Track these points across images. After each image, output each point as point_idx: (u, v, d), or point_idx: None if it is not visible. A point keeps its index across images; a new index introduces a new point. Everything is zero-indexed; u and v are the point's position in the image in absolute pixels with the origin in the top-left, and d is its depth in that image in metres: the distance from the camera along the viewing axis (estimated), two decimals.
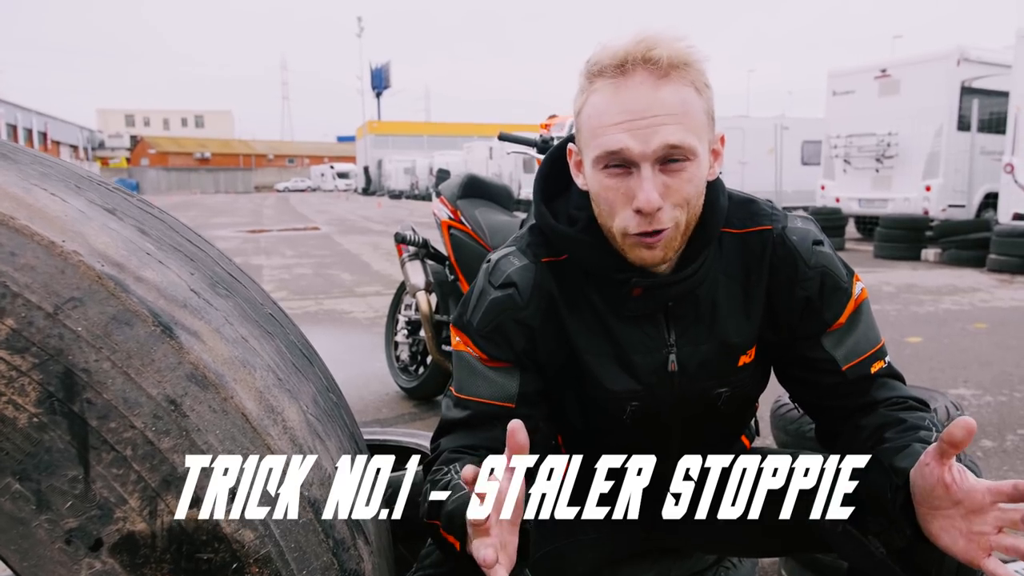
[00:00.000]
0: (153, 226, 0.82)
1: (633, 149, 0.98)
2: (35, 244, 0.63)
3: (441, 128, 68.02)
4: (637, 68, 0.99)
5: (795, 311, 1.15)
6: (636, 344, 1.14)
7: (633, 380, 1.15)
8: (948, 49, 10.74)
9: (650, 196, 0.99)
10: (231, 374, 0.69)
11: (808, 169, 15.38)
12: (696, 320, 1.14)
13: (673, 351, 1.14)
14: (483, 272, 1.17)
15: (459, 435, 1.12)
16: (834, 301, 1.14)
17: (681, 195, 1.02)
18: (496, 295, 1.12)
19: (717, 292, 1.14)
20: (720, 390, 1.18)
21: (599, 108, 1.01)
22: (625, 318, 1.13)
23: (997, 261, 8.77)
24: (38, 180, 0.71)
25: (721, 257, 1.15)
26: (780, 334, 1.18)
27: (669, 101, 0.98)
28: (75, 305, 0.63)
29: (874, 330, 1.17)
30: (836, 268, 1.15)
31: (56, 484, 0.63)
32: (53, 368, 0.62)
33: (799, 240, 1.14)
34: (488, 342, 1.12)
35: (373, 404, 3.75)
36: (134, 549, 0.64)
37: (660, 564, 1.44)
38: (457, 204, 3.22)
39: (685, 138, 0.99)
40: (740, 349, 1.17)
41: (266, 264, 10.20)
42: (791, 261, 1.14)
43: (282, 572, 0.68)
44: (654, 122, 0.98)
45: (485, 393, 1.12)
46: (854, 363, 1.14)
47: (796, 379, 1.21)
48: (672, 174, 1.00)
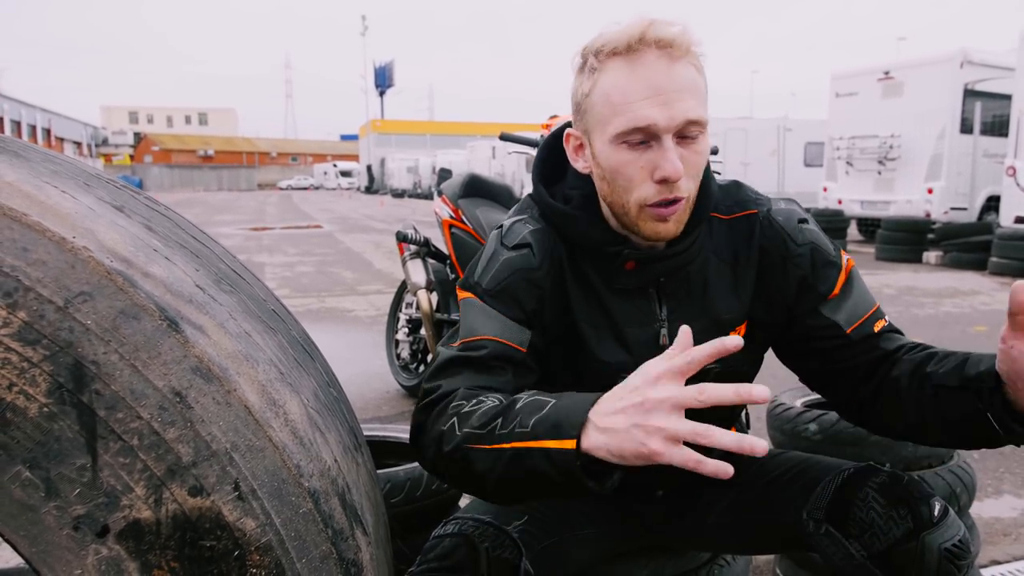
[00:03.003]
0: (160, 223, 0.84)
1: (660, 122, 1.02)
2: (46, 240, 0.65)
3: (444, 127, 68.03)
4: (650, 47, 1.02)
5: (790, 290, 1.18)
6: (628, 317, 1.17)
7: (625, 352, 1.17)
8: (951, 52, 10.74)
9: (676, 164, 1.02)
10: (235, 367, 0.71)
11: (811, 171, 15.39)
12: (687, 296, 1.17)
13: (665, 325, 1.17)
14: (494, 237, 1.18)
15: (468, 375, 1.06)
16: (826, 275, 1.17)
17: (695, 166, 1.06)
18: (510, 255, 1.13)
19: (708, 271, 1.18)
20: (711, 366, 1.19)
21: (618, 86, 1.04)
22: (618, 291, 1.16)
23: (999, 264, 8.78)
24: (49, 178, 0.74)
25: (711, 239, 1.18)
26: (776, 315, 1.20)
27: (684, 76, 1.03)
28: (85, 299, 0.65)
29: (868, 294, 1.20)
30: (824, 243, 1.19)
31: (65, 472, 0.65)
32: (63, 360, 0.64)
33: (784, 220, 1.18)
34: (497, 300, 1.10)
35: (374, 401, 3.78)
36: (139, 536, 0.67)
37: (655, 561, 1.46)
38: (458, 203, 3.24)
39: (701, 112, 1.04)
40: (730, 325, 1.19)
41: (268, 262, 10.23)
42: (780, 241, 1.17)
43: (282, 560, 0.70)
44: (676, 96, 1.02)
45: (497, 332, 1.09)
46: (856, 324, 1.16)
47: (803, 353, 1.22)
48: (688, 145, 1.05)
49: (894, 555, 1.08)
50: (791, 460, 1.26)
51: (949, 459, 1.92)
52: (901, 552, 1.07)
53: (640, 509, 1.35)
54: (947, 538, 1.08)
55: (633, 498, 1.35)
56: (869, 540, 1.08)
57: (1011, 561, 2.19)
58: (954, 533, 1.09)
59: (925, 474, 1.83)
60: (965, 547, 1.09)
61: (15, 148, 0.78)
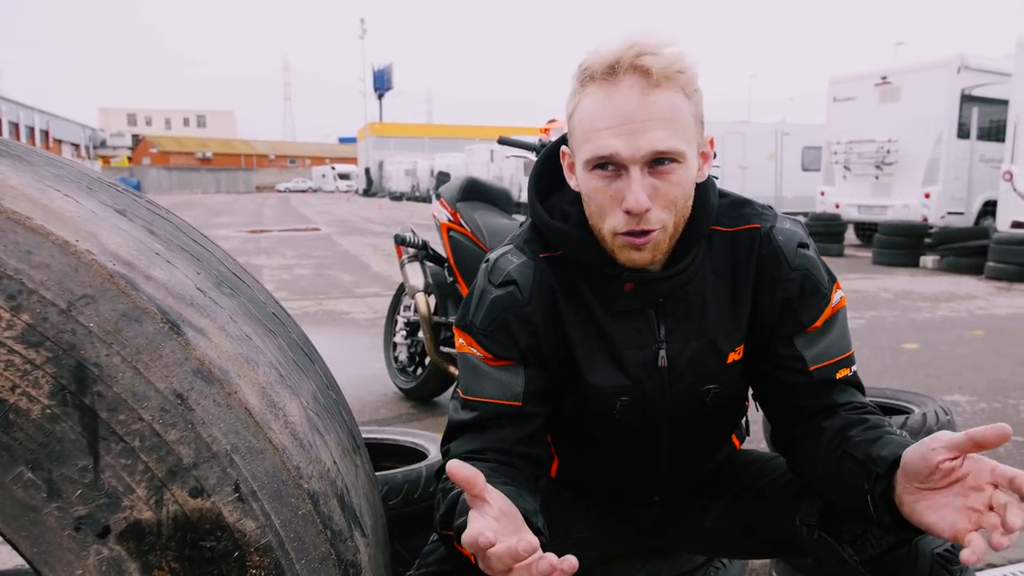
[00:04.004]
0: (161, 227, 0.85)
1: (622, 153, 1.01)
2: (50, 243, 0.66)
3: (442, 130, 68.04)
4: (628, 74, 1.01)
5: (774, 310, 1.17)
6: (627, 339, 1.16)
7: (623, 375, 1.17)
8: (949, 57, 10.77)
9: (638, 197, 1.01)
10: (235, 370, 0.71)
11: (808, 175, 15.41)
12: (686, 317, 1.16)
13: (663, 347, 1.16)
14: (482, 272, 1.18)
15: (467, 438, 1.13)
16: (812, 304, 1.16)
17: (669, 198, 1.04)
18: (497, 293, 1.13)
19: (706, 290, 1.17)
20: (709, 387, 1.19)
21: (590, 112, 1.04)
22: (616, 314, 1.15)
23: (995, 269, 8.80)
24: (52, 182, 0.74)
25: (711, 255, 1.17)
26: (759, 334, 1.20)
27: (658, 106, 1.01)
28: (88, 302, 0.66)
29: (846, 339, 1.19)
30: (818, 272, 1.17)
31: (67, 473, 0.66)
32: (66, 362, 0.65)
33: (784, 241, 1.16)
34: (492, 340, 1.13)
35: (371, 404, 3.78)
36: (140, 536, 0.67)
37: (651, 564, 1.47)
38: (457, 207, 3.24)
39: (673, 143, 1.01)
40: (729, 347, 1.19)
41: (266, 264, 10.23)
42: (775, 260, 1.16)
43: (282, 561, 0.71)
44: (643, 127, 1.00)
45: (491, 393, 1.13)
46: (821, 365, 1.16)
47: (763, 376, 1.23)
48: (661, 176, 1.03)
49: (887, 560, 1.08)
50: (784, 464, 1.27)
51: None
52: (894, 557, 1.08)
53: (637, 513, 1.36)
54: (939, 543, 1.09)
55: (630, 503, 1.36)
56: (862, 545, 1.09)
57: (1006, 564, 2.20)
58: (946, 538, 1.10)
59: None
60: (957, 552, 1.10)
61: (19, 152, 0.78)
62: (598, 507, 1.34)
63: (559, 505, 1.29)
